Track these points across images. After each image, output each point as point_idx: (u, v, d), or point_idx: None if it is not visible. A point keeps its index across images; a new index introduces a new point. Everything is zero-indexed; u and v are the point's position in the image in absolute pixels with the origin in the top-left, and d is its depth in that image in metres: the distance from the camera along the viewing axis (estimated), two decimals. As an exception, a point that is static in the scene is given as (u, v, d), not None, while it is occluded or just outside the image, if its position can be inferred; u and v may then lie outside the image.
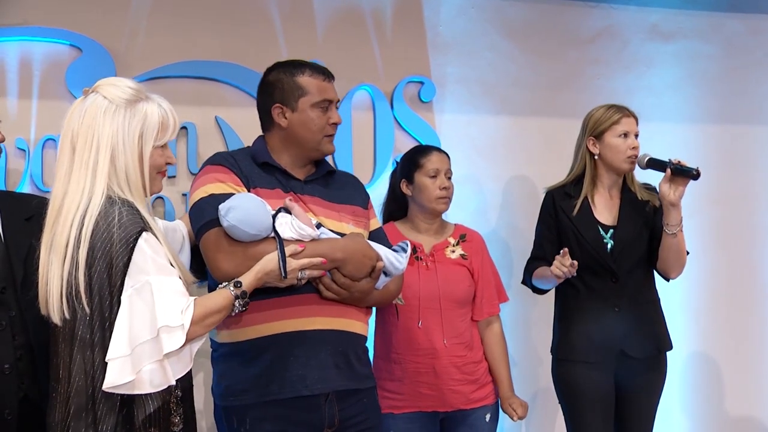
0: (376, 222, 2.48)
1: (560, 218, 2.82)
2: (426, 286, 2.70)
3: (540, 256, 2.86)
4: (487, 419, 2.75)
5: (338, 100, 2.37)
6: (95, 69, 2.85)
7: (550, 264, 2.67)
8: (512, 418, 2.80)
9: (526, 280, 2.92)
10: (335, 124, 2.33)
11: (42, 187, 2.83)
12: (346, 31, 3.23)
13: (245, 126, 3.02)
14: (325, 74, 2.33)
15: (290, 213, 2.15)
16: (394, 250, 2.31)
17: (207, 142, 3.00)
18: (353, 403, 2.25)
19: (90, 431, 1.82)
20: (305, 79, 2.29)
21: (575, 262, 2.60)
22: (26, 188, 2.83)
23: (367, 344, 2.35)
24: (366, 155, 3.21)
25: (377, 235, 2.40)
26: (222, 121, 3.04)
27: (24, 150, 2.83)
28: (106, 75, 2.81)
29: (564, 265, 2.59)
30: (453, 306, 2.72)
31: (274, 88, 2.31)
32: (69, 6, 2.89)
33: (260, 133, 2.38)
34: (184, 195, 2.96)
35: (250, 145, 2.39)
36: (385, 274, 2.27)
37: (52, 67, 2.88)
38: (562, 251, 2.62)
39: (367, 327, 2.34)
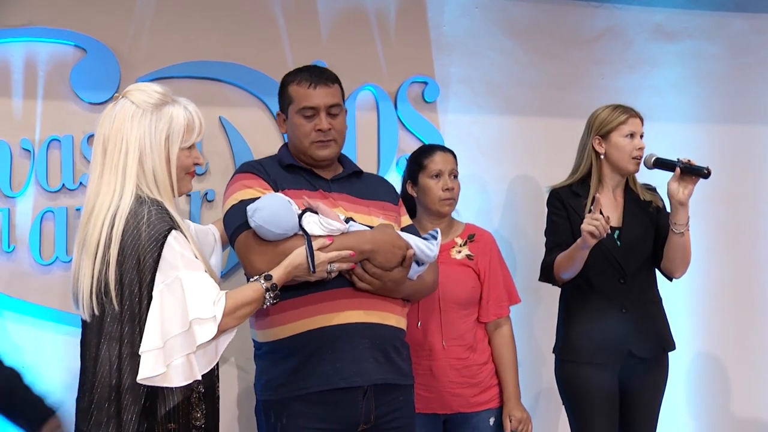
0: (407, 219, 2.51)
1: (571, 216, 2.80)
2: (427, 286, 2.68)
3: (557, 244, 2.78)
4: (491, 423, 2.71)
5: (331, 105, 2.34)
6: (99, 70, 2.87)
7: None
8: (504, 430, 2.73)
9: (547, 273, 2.82)
10: (320, 131, 2.32)
11: (47, 187, 2.84)
12: (350, 32, 3.23)
13: (249, 126, 3.03)
14: (313, 81, 2.33)
15: (316, 213, 2.18)
16: (424, 238, 2.33)
17: (211, 143, 3.00)
18: (390, 400, 2.27)
19: (112, 421, 1.88)
20: (293, 88, 2.36)
21: (608, 216, 2.56)
22: (31, 188, 2.84)
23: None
24: (370, 156, 3.20)
25: (408, 231, 2.42)
26: (226, 122, 3.04)
27: (29, 150, 2.84)
28: (111, 76, 2.88)
29: (596, 219, 2.50)
30: (454, 307, 2.71)
31: (279, 97, 2.43)
32: (73, 7, 2.90)
33: (263, 132, 2.41)
34: (189, 195, 2.97)
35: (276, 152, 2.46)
36: (417, 263, 2.29)
37: (56, 68, 2.89)
38: (593, 206, 2.54)
39: (405, 320, 2.35)
